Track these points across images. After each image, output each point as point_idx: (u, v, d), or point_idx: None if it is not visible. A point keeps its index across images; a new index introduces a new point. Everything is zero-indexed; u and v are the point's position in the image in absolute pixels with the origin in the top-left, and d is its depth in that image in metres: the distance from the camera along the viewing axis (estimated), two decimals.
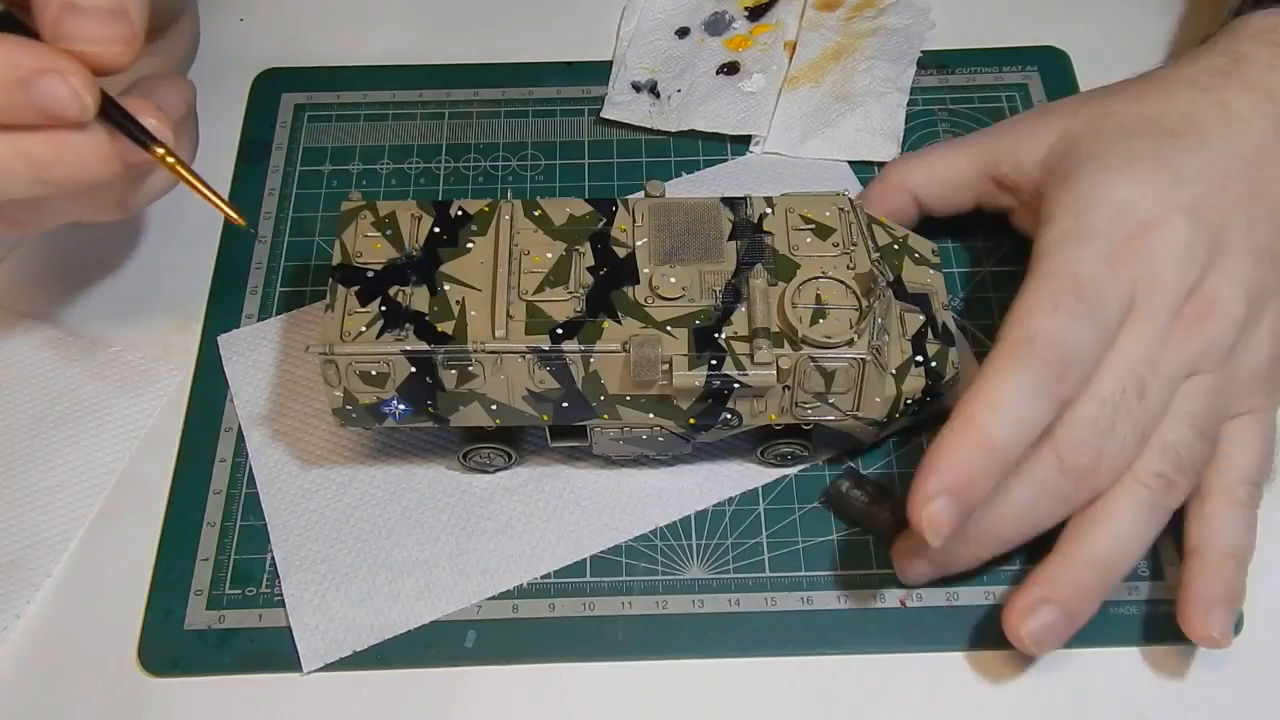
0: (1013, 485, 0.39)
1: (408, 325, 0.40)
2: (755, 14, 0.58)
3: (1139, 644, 0.42)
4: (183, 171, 0.39)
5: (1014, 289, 0.40)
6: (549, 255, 0.41)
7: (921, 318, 0.43)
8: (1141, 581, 0.43)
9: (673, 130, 0.55)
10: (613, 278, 0.41)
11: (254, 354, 0.49)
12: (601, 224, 0.43)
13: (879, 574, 0.43)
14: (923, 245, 0.46)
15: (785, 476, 0.45)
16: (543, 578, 0.43)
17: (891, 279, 0.44)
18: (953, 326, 0.45)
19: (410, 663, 0.42)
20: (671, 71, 0.56)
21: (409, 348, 0.39)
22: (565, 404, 0.41)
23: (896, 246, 0.45)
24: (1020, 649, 0.40)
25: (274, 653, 0.42)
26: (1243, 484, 0.41)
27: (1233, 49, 0.44)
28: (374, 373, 0.40)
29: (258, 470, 0.46)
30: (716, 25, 0.58)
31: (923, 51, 0.56)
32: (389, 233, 0.42)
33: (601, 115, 0.55)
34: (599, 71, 0.57)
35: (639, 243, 0.42)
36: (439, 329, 0.40)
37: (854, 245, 0.42)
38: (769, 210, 0.43)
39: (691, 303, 0.40)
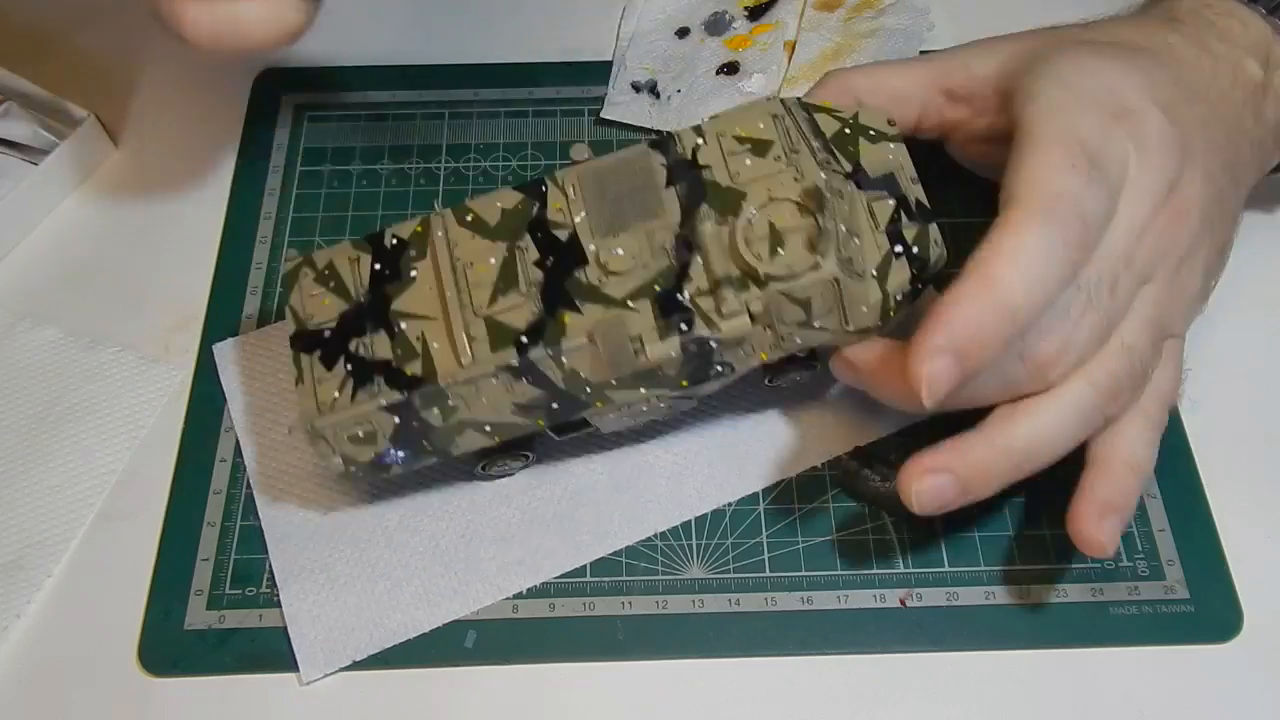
0: None
1: (377, 378, 0.39)
2: (755, 14, 0.58)
3: (1139, 644, 0.42)
4: None
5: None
6: (492, 261, 0.40)
7: (892, 202, 0.40)
8: (1141, 581, 0.43)
9: (673, 130, 0.54)
10: (561, 266, 0.39)
11: (249, 361, 0.48)
12: (536, 209, 0.41)
13: (879, 574, 0.43)
14: (876, 119, 0.42)
15: (785, 478, 0.45)
16: None
17: (850, 169, 0.41)
18: (924, 199, 0.41)
19: (410, 662, 0.42)
20: (671, 71, 0.56)
21: (384, 402, 0.38)
22: (555, 405, 0.40)
23: (848, 130, 0.42)
24: (904, 501, 0.38)
25: (274, 653, 0.42)
26: (1157, 402, 0.41)
27: (1167, 12, 0.44)
28: (362, 433, 0.39)
29: (254, 478, 0.45)
30: (716, 25, 0.58)
31: (922, 52, 0.56)
32: (333, 285, 0.41)
33: (601, 115, 0.55)
34: (599, 71, 0.57)
35: (577, 218, 0.40)
36: (408, 373, 0.39)
37: (796, 152, 0.39)
38: (700, 141, 0.40)
39: (645, 269, 0.39)
